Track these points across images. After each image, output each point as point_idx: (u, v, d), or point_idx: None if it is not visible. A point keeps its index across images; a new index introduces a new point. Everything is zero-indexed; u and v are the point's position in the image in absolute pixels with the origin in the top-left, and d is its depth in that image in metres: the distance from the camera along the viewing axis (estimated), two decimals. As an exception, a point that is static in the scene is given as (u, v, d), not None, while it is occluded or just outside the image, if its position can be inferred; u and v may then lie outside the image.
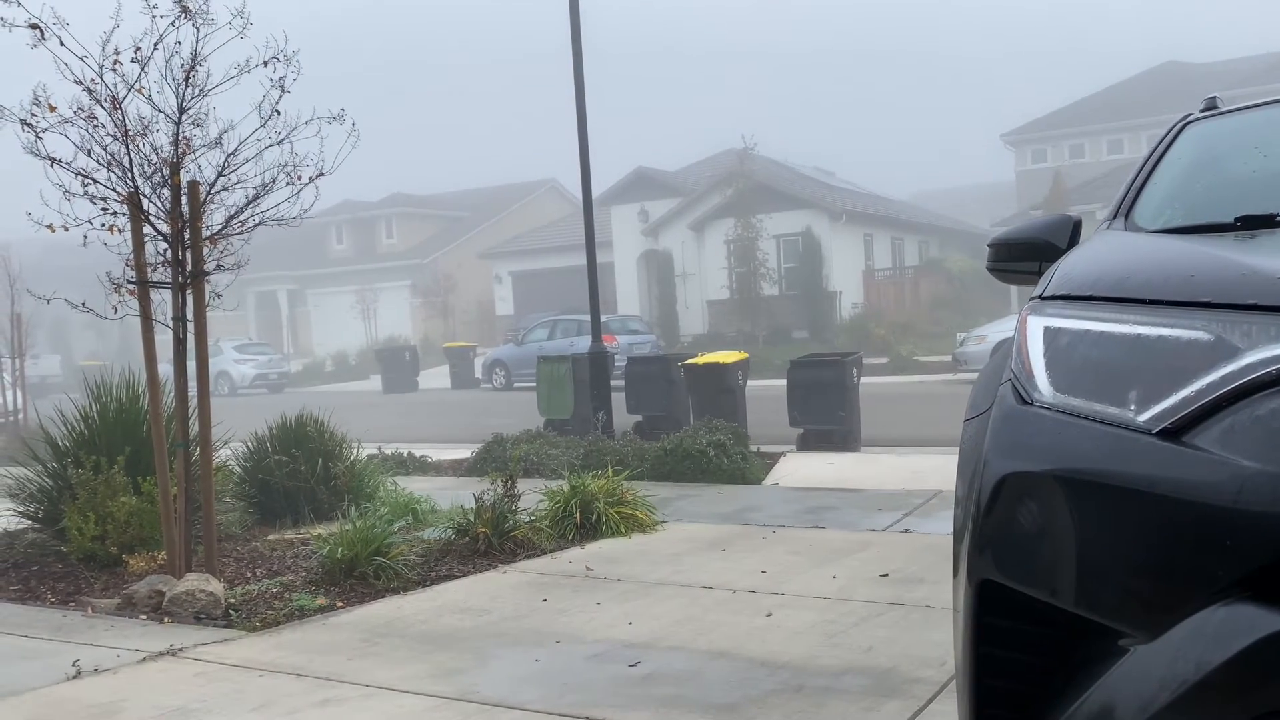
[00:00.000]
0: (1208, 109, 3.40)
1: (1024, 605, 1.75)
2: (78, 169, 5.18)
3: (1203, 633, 1.50)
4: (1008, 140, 39.62)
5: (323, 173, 5.49)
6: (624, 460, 9.00)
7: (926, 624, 4.30)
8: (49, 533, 6.24)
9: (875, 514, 7.04)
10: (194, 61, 5.17)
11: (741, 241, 28.11)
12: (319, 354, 38.06)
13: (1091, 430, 1.74)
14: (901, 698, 3.47)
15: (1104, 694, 1.61)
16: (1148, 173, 3.04)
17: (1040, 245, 2.91)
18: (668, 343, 27.63)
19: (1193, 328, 1.75)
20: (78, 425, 6.48)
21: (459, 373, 26.80)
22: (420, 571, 5.56)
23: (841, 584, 5.05)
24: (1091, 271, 2.15)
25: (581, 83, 11.76)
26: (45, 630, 4.74)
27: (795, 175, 33.03)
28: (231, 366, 29.40)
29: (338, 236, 44.71)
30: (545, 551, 6.05)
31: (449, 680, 3.83)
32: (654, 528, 6.66)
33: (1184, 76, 37.08)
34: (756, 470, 9.08)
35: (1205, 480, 1.56)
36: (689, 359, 11.91)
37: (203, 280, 5.42)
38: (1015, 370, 1.97)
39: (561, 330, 24.50)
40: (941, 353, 22.30)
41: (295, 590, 5.24)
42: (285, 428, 7.41)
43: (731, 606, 4.73)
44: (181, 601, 4.89)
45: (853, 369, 10.72)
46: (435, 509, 7.18)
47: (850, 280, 29.99)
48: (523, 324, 29.79)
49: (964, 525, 1.91)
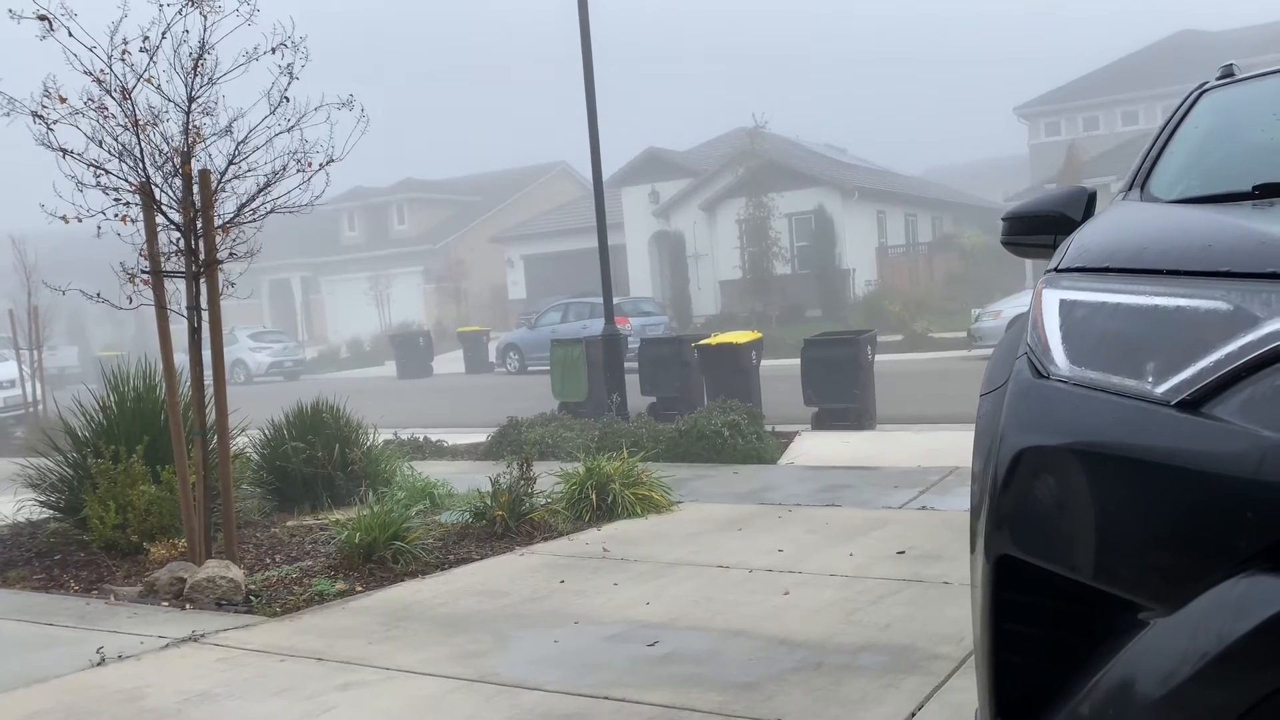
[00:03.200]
0: (1224, 77, 3.35)
1: (1042, 580, 1.74)
2: (89, 160, 5.19)
3: (1224, 605, 1.48)
4: (1021, 114, 39.26)
5: (333, 159, 5.48)
6: (639, 442, 9.01)
7: (944, 600, 4.30)
8: (70, 522, 6.30)
9: (891, 491, 7.03)
10: (202, 50, 5.17)
11: (753, 221, 28.01)
12: (333, 341, 38.21)
13: (1109, 403, 1.72)
14: (920, 674, 3.47)
15: (1124, 668, 1.60)
16: (1163, 143, 3.01)
17: (1055, 218, 2.88)
18: (680, 324, 27.59)
19: (1211, 298, 1.73)
20: (96, 415, 6.53)
21: (473, 357, 26.86)
22: (438, 555, 5.58)
23: (859, 562, 5.04)
24: (1108, 243, 2.12)
25: (590, 64, 11.70)
26: (69, 618, 4.79)
27: (807, 153, 32.87)
28: (247, 354, 29.53)
29: (350, 223, 44.77)
30: (562, 533, 6.07)
31: (469, 663, 3.85)
32: (670, 508, 6.67)
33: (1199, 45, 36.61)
34: (772, 450, 9.07)
35: (1225, 451, 1.55)
36: (702, 340, 11.90)
37: (216, 269, 5.43)
38: (1031, 344, 1.95)
39: (574, 313, 24.49)
40: (956, 329, 22.19)
41: (314, 575, 5.27)
42: (301, 414, 7.44)
43: (749, 586, 4.73)
44: (203, 588, 4.93)
45: (867, 347, 10.68)
46: (452, 493, 7.21)
47: (863, 258, 29.85)
48: (535, 307, 29.83)
49: (981, 501, 1.90)
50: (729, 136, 32.84)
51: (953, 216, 36.88)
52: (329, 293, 44.32)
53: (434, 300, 40.06)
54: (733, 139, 31.51)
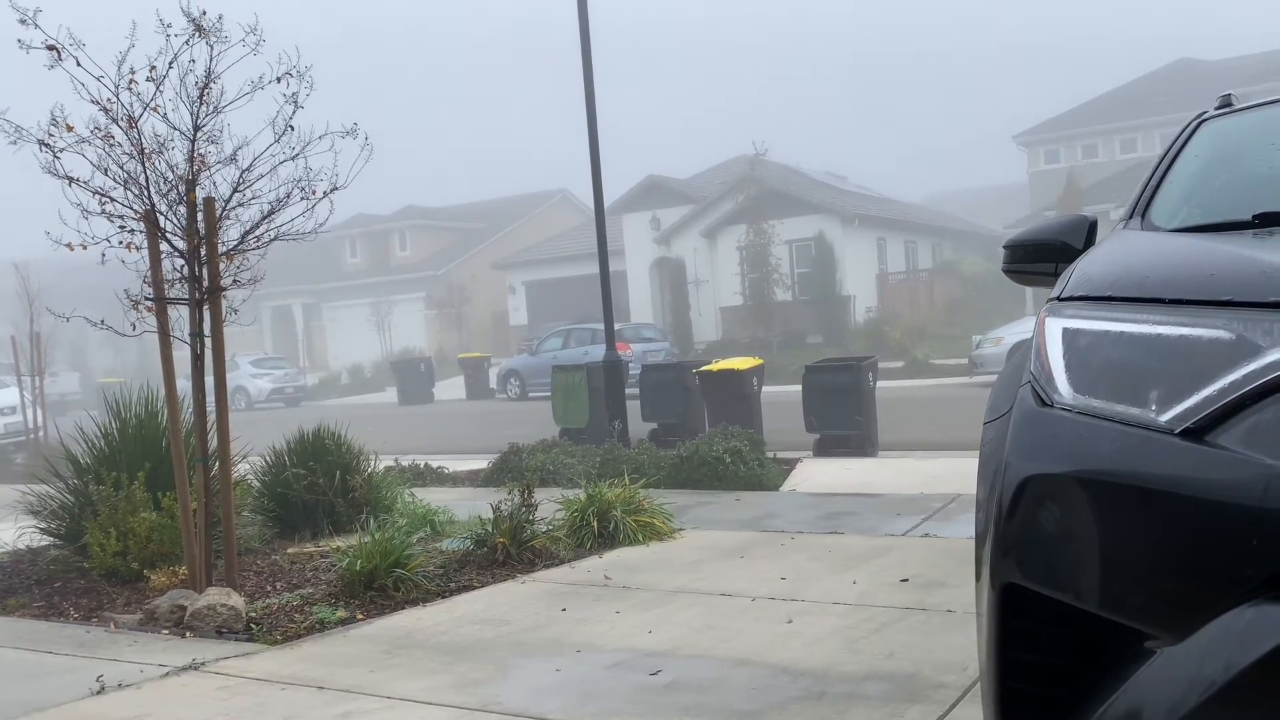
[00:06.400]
0: (1222, 106, 3.38)
1: (1048, 608, 1.73)
2: (95, 188, 5.23)
3: (1231, 633, 1.48)
4: (1020, 141, 39.47)
5: (337, 187, 5.51)
6: (640, 468, 8.99)
7: (948, 628, 4.28)
8: (71, 549, 6.28)
9: (894, 519, 7.01)
10: (208, 79, 5.21)
11: (754, 247, 28.10)
12: (335, 367, 38.22)
13: (1113, 431, 1.73)
14: (924, 703, 3.45)
15: (1131, 696, 1.60)
16: (1163, 171, 3.03)
17: (1056, 246, 2.90)
18: (681, 350, 27.61)
19: (1214, 326, 1.74)
20: (98, 442, 6.53)
21: (474, 383, 26.86)
22: (439, 583, 5.56)
23: (862, 589, 5.02)
24: (1110, 272, 2.14)
25: (592, 92, 11.78)
26: (69, 646, 4.77)
27: (807, 180, 33.00)
28: (248, 381, 29.54)
29: (352, 250, 44.91)
30: (563, 561, 6.05)
31: (470, 691, 3.83)
32: (672, 535, 6.65)
33: (1197, 73, 36.87)
34: (774, 476, 9.05)
35: (1229, 479, 1.55)
36: (704, 366, 11.90)
37: (219, 296, 5.45)
38: (1034, 372, 1.96)
39: (575, 339, 24.51)
40: (958, 355, 22.20)
41: (315, 603, 5.25)
42: (303, 441, 7.43)
43: (751, 614, 4.71)
44: (203, 616, 4.91)
45: (868, 373, 10.68)
46: (453, 520, 7.19)
47: (864, 284, 29.91)
48: (537, 334, 29.83)
49: (986, 529, 1.90)
50: (730, 164, 32.99)
51: (953, 243, 36.99)
52: (330, 319, 44.37)
53: (435, 326, 40.11)
54: (733, 166, 31.66)
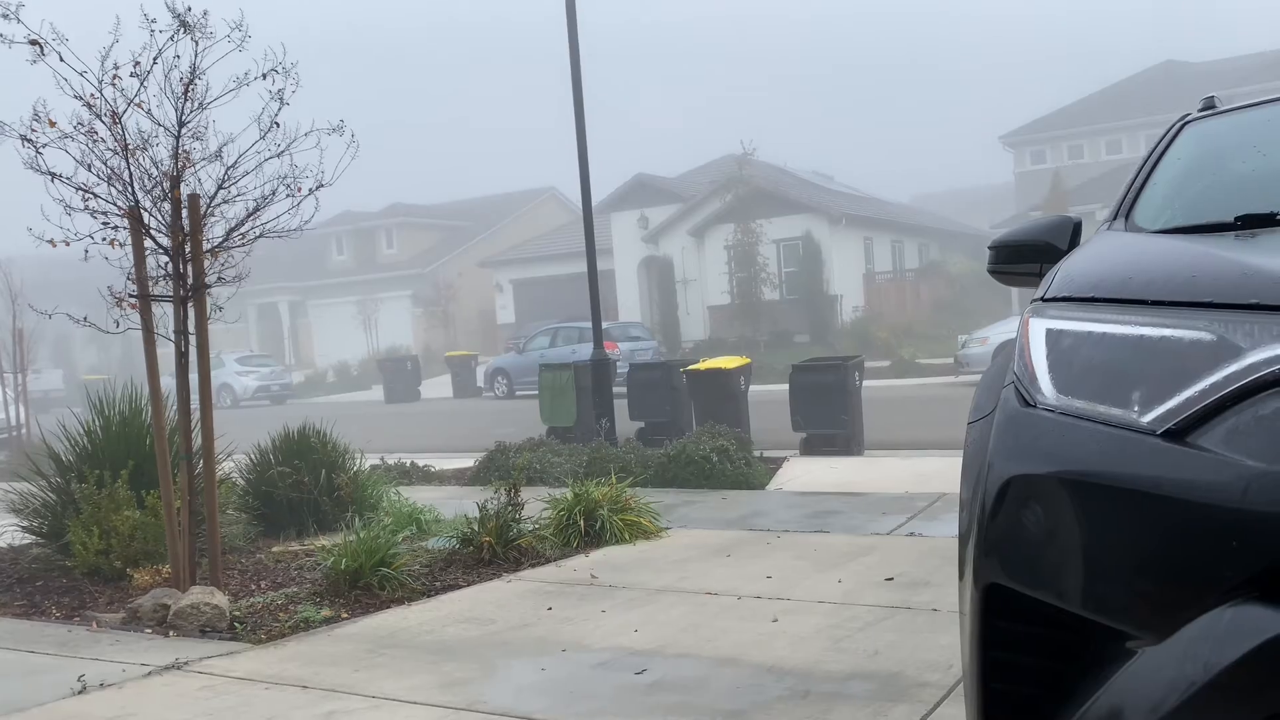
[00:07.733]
0: (1206, 108, 3.40)
1: (1030, 608, 1.74)
2: (78, 184, 5.19)
3: (1211, 634, 1.49)
4: (1006, 142, 39.64)
5: (322, 184, 5.49)
6: (627, 467, 8.99)
7: (932, 627, 4.29)
8: (53, 548, 6.24)
9: (880, 518, 7.03)
10: (193, 75, 5.18)
11: (742, 246, 28.14)
12: (321, 365, 38.07)
13: (1095, 432, 1.74)
14: (909, 702, 3.46)
15: (1112, 696, 1.61)
16: (1147, 173, 3.04)
17: (1041, 247, 2.91)
18: (669, 349, 27.63)
19: (1195, 328, 1.75)
20: (81, 440, 6.48)
21: (461, 382, 26.81)
22: (425, 582, 5.55)
23: (847, 588, 5.04)
24: (1093, 273, 2.14)
25: (580, 90, 11.77)
26: (50, 645, 4.73)
27: (794, 180, 33.06)
28: (233, 379, 29.41)
29: (338, 247, 44.73)
30: (550, 560, 6.04)
31: (456, 690, 3.82)
32: (658, 534, 6.65)
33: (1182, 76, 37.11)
34: (760, 475, 9.07)
35: (1210, 481, 1.56)
36: (691, 365, 11.91)
37: (204, 293, 5.42)
38: (1018, 373, 1.97)
39: (563, 338, 24.48)
40: (943, 355, 22.28)
41: (300, 602, 5.23)
42: (288, 439, 7.40)
43: (737, 612, 4.72)
44: (186, 615, 4.89)
45: (855, 373, 10.71)
46: (439, 518, 7.17)
47: (851, 284, 29.99)
48: (524, 332, 29.80)
49: (969, 528, 1.91)
50: (717, 163, 33.01)
51: (939, 243, 37.12)
52: (316, 317, 44.19)
53: (422, 325, 40.00)
54: (721, 165, 31.69)
